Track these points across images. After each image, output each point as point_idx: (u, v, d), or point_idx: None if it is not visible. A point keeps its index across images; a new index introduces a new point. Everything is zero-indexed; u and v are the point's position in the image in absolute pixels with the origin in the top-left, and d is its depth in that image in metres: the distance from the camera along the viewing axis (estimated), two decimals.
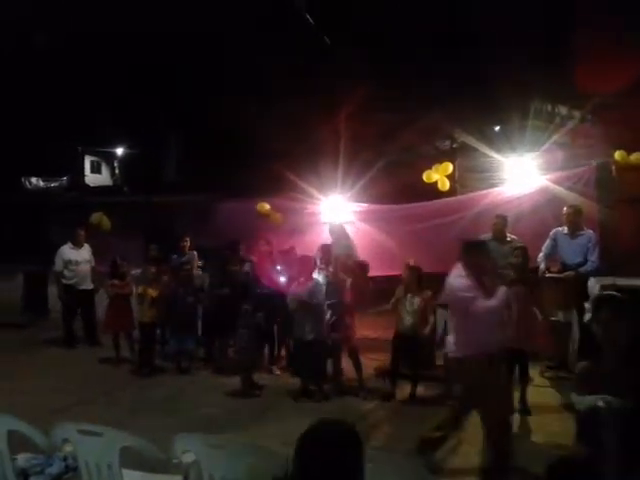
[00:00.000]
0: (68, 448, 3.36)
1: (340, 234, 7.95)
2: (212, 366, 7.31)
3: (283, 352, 7.51)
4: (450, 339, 4.50)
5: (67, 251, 8.63)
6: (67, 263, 8.56)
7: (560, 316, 6.48)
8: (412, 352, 6.04)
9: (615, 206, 7.52)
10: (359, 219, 9.07)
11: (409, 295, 6.10)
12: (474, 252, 4.43)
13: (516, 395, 5.66)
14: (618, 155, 7.41)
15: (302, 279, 6.37)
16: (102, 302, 8.25)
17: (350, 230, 8.91)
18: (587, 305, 6.11)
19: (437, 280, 6.43)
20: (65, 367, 7.51)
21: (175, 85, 15.77)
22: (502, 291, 4.26)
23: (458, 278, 4.28)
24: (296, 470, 1.99)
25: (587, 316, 5.94)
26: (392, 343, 6.25)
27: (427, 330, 6.08)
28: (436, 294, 6.19)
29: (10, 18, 12.56)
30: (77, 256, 8.63)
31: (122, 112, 18.04)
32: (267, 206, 9.23)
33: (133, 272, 8.12)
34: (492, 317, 4.21)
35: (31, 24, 13.53)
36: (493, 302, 4.20)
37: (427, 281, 6.33)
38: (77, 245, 8.70)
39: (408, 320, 6.03)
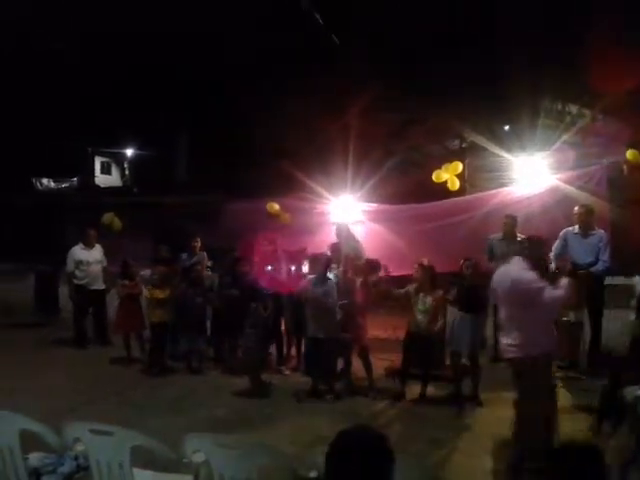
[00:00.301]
0: (79, 447, 3.38)
1: (347, 235, 7.93)
2: (222, 366, 7.32)
3: (292, 352, 7.54)
4: (506, 340, 4.44)
5: (78, 251, 8.67)
6: (78, 263, 8.60)
7: (571, 316, 6.43)
8: (423, 352, 6.02)
9: (627, 205, 7.46)
10: (369, 219, 9.06)
11: (421, 294, 6.07)
12: (538, 247, 4.50)
13: None
14: (630, 154, 7.34)
15: (314, 277, 6.39)
16: (113, 302, 8.29)
17: (360, 230, 8.90)
18: (633, 303, 6.15)
19: (447, 279, 6.45)
20: (76, 367, 7.55)
21: (184, 86, 15.84)
22: (566, 282, 4.25)
23: (524, 271, 4.28)
24: (326, 474, 1.99)
25: (631, 315, 6.03)
26: (403, 342, 6.23)
27: (437, 327, 6.04)
28: (446, 293, 6.17)
29: (21, 21, 12.67)
30: (88, 256, 8.67)
31: (132, 113, 18.13)
32: (276, 206, 9.22)
33: (142, 272, 8.16)
34: (557, 309, 4.23)
35: (43, 27, 13.62)
36: (561, 291, 4.20)
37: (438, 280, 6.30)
38: (88, 245, 8.74)
39: (420, 319, 6.01)
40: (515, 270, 4.36)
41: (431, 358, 6.09)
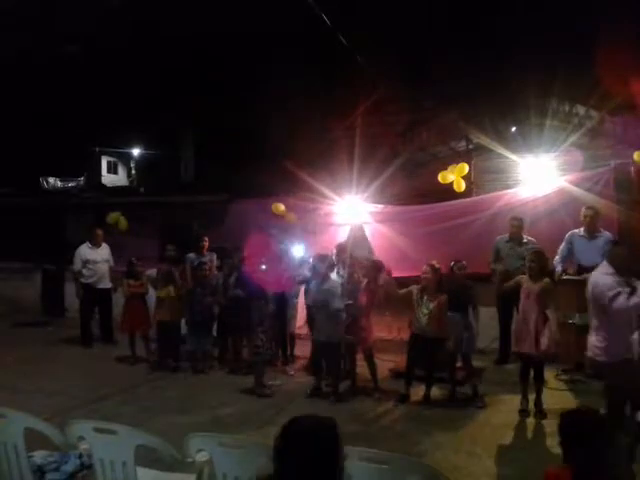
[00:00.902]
0: (83, 446, 3.38)
1: (359, 235, 7.91)
2: (227, 366, 7.34)
3: (296, 352, 7.55)
4: (593, 340, 4.45)
5: (85, 250, 8.69)
6: (85, 262, 8.62)
7: (577, 318, 6.39)
8: (427, 354, 6.00)
9: (634, 207, 7.42)
10: (375, 220, 9.06)
11: (426, 296, 6.04)
12: (624, 252, 4.48)
13: (531, 398, 5.61)
14: (638, 156, 7.30)
15: (317, 279, 6.40)
16: (120, 302, 8.31)
17: (366, 231, 8.89)
18: None
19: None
20: (81, 366, 7.59)
21: (191, 86, 15.87)
22: None
23: (604, 275, 4.28)
24: (275, 467, 1.98)
25: None
26: (408, 344, 6.22)
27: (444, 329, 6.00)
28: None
29: (28, 23, 12.73)
30: (95, 255, 8.69)
31: (138, 112, 18.19)
32: (282, 207, 9.24)
33: (148, 272, 8.18)
34: (632, 318, 4.24)
35: (49, 28, 13.68)
36: (636, 300, 4.17)
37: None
38: (95, 244, 8.77)
39: (423, 321, 5.98)
40: (598, 274, 4.36)
41: (434, 360, 6.06)
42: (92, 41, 14.40)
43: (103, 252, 8.81)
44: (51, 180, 23.30)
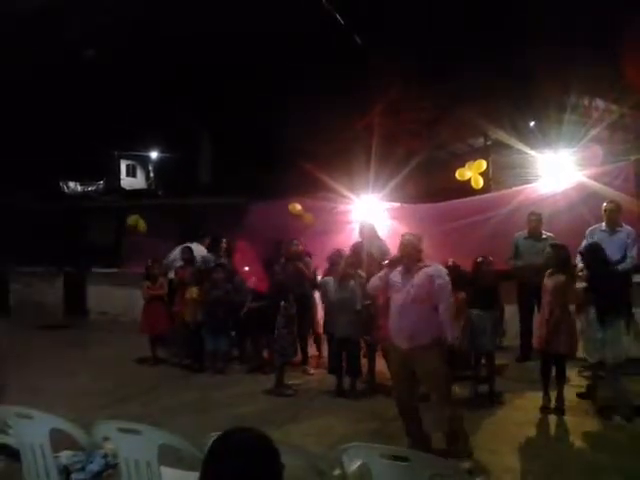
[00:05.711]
0: (108, 446, 3.44)
1: (371, 234, 7.86)
2: (247, 366, 7.38)
3: (314, 350, 7.57)
4: None
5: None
6: None
7: None
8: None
9: None
10: (392, 218, 9.03)
11: None
12: None
13: (553, 395, 5.57)
14: None
15: (337, 277, 6.42)
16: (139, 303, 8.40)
17: (382, 229, 8.85)
18: None
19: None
20: (104, 367, 7.68)
21: (208, 88, 15.97)
22: None
23: None
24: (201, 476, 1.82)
25: None
26: None
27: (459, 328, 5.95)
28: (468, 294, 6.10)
29: (45, 26, 12.91)
30: None
31: (156, 116, 18.33)
32: (298, 207, 9.25)
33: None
34: None
35: (68, 32, 13.85)
36: None
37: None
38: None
39: None
40: None
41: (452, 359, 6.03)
42: (109, 45, 14.54)
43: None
44: (71, 184, 23.60)
